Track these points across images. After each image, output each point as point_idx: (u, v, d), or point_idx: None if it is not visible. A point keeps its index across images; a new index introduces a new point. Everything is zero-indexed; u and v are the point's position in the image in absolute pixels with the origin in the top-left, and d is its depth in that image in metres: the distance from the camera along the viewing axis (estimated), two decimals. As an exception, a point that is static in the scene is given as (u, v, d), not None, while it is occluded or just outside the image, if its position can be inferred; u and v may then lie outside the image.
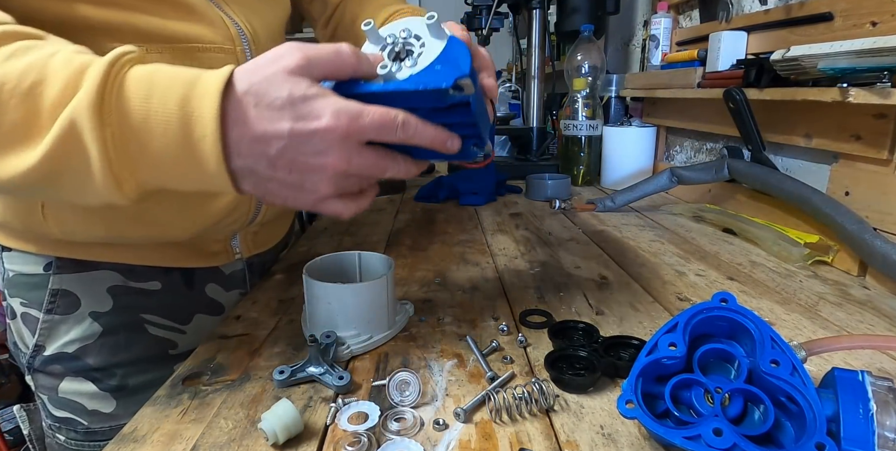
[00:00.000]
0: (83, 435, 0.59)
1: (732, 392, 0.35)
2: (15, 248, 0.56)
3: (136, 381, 0.59)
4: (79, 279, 0.56)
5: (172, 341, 0.61)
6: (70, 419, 0.58)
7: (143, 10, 0.48)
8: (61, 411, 0.58)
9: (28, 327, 0.57)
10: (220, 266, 0.65)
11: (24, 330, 0.57)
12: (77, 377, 0.57)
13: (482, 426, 0.39)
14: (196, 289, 0.63)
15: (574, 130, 1.31)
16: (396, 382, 0.42)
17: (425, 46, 0.37)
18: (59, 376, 0.57)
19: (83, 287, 0.56)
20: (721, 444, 0.31)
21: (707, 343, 0.37)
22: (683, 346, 0.36)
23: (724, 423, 0.31)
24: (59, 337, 0.56)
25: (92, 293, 0.56)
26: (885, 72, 0.59)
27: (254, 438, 0.37)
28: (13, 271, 0.57)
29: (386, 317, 0.52)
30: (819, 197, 0.71)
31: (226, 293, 0.66)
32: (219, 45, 0.53)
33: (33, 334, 0.56)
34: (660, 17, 1.19)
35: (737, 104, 0.83)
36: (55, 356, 0.57)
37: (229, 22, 0.54)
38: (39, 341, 0.56)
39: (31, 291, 0.56)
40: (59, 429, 0.59)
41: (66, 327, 0.56)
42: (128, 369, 0.58)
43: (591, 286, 0.65)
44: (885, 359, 0.48)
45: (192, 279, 0.62)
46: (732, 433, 0.31)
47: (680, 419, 0.35)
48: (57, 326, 0.56)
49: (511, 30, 2.61)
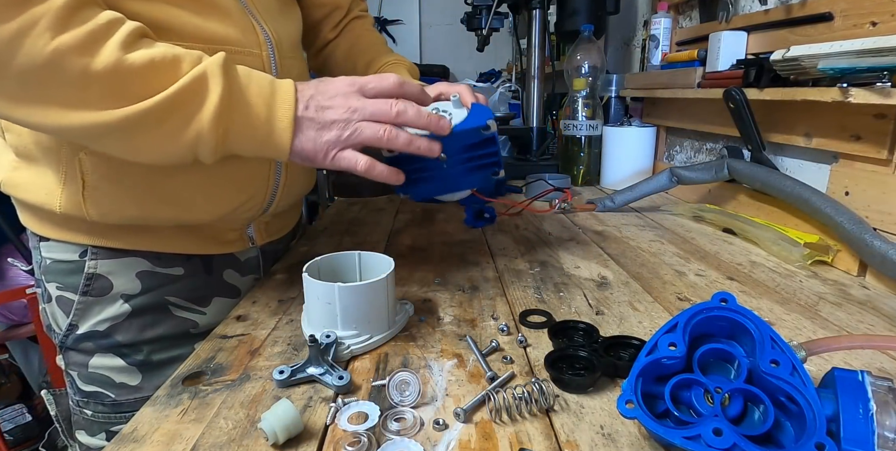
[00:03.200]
0: (110, 407, 0.64)
1: (732, 392, 0.35)
2: (53, 238, 0.61)
3: (160, 357, 0.64)
4: (111, 265, 0.61)
5: (194, 321, 0.66)
6: (98, 392, 0.64)
7: (186, 8, 0.53)
8: (90, 385, 0.64)
9: (63, 310, 0.62)
10: (236, 253, 0.70)
11: (59, 312, 0.62)
12: (107, 353, 0.63)
13: (482, 426, 0.39)
14: (215, 274, 0.68)
15: (574, 130, 1.31)
16: (396, 382, 0.42)
17: (454, 113, 0.55)
18: (90, 352, 0.63)
19: (115, 272, 0.61)
20: (721, 444, 0.31)
21: (707, 343, 0.37)
22: (683, 346, 0.36)
23: (723, 423, 0.31)
24: (91, 317, 0.61)
25: (123, 277, 0.61)
26: (885, 72, 0.59)
27: (254, 438, 0.37)
28: (50, 258, 0.62)
29: (386, 317, 0.52)
30: (819, 197, 0.71)
31: (241, 278, 0.71)
32: (248, 49, 0.58)
33: (67, 315, 0.62)
34: (660, 17, 1.19)
35: (737, 104, 0.83)
36: (87, 334, 0.62)
37: (259, 29, 0.60)
38: (73, 321, 0.62)
39: (68, 276, 0.61)
40: (86, 404, 0.65)
41: (98, 308, 0.61)
42: (153, 346, 0.64)
43: (591, 286, 0.65)
44: (885, 359, 0.48)
45: (212, 265, 0.67)
46: (732, 432, 0.31)
47: (680, 419, 0.35)
48: (91, 307, 0.61)
49: (511, 30, 2.61)
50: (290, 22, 0.69)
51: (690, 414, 0.36)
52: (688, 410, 0.36)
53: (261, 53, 0.60)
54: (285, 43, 0.64)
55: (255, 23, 0.60)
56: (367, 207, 1.14)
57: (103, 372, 0.63)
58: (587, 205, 1.04)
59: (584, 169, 1.33)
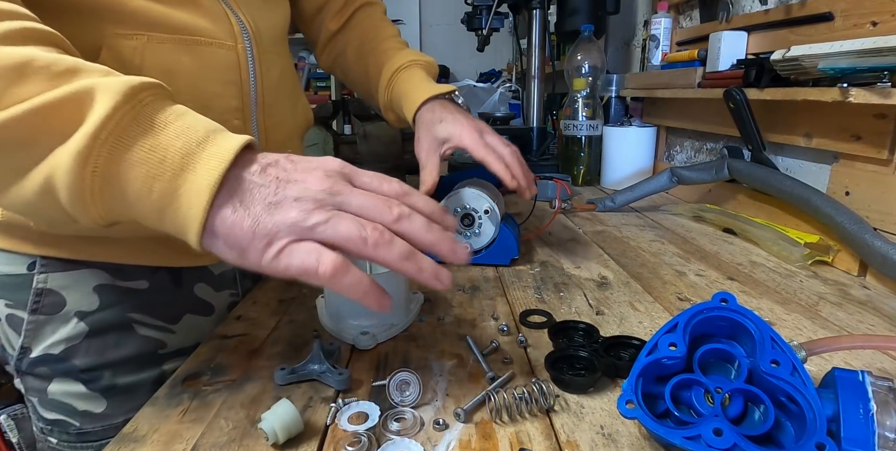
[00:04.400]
0: (75, 437, 0.57)
1: (732, 392, 0.35)
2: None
3: (125, 381, 0.58)
4: (64, 278, 0.54)
5: (162, 340, 0.60)
6: (61, 420, 0.57)
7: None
8: (52, 413, 0.57)
9: (14, 329, 0.55)
10: (210, 266, 0.64)
11: (11, 332, 0.56)
12: (65, 379, 0.56)
13: (482, 426, 0.39)
14: (184, 288, 0.62)
15: (574, 130, 1.31)
16: (396, 382, 0.42)
17: (483, 224, 0.53)
18: (46, 378, 0.56)
19: (69, 286, 0.55)
20: (721, 444, 0.31)
21: (707, 343, 0.37)
22: (684, 346, 0.36)
23: (724, 423, 0.31)
24: (44, 338, 0.55)
25: (78, 292, 0.55)
26: (885, 72, 0.59)
27: (254, 438, 0.37)
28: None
29: (405, 305, 0.53)
30: (819, 197, 0.71)
31: (216, 294, 0.65)
32: (221, 40, 0.53)
33: (19, 335, 0.55)
34: (660, 17, 1.19)
35: (737, 104, 0.83)
36: (41, 358, 0.55)
37: (233, 19, 0.54)
38: (25, 342, 0.55)
39: (16, 291, 0.54)
40: (50, 432, 0.58)
41: (51, 328, 0.55)
42: (117, 369, 0.57)
43: (591, 286, 0.65)
44: (885, 359, 0.48)
45: (181, 279, 0.61)
46: (732, 432, 0.31)
47: (680, 419, 0.35)
48: (42, 327, 0.55)
49: (511, 30, 2.61)
50: (273, 12, 0.63)
51: (691, 414, 0.36)
52: (688, 410, 0.36)
53: (235, 46, 0.54)
54: (266, 35, 0.58)
55: (227, 11, 0.54)
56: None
57: (64, 399, 0.56)
58: (587, 205, 1.04)
59: (584, 169, 1.33)
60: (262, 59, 0.57)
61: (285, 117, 0.65)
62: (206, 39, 0.52)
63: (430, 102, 0.67)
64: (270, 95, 0.60)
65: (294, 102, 0.68)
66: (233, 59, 0.54)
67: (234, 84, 0.56)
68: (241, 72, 0.56)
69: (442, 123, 0.65)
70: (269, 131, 0.61)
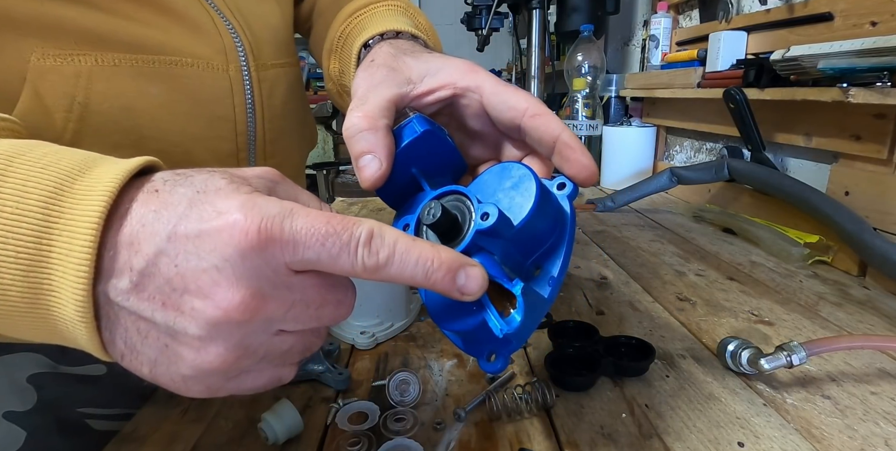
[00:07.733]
0: None
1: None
2: None
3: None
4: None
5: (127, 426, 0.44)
6: None
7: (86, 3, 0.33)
8: None
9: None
10: None
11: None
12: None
13: (482, 426, 0.39)
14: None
15: (574, 129, 1.31)
16: (396, 382, 0.42)
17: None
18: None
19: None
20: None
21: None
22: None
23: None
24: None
25: (6, 387, 0.41)
26: (885, 72, 0.59)
27: (254, 438, 0.37)
28: None
29: (404, 305, 0.54)
30: (819, 197, 0.71)
31: None
32: (206, 60, 0.39)
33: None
34: (660, 17, 1.20)
35: (737, 104, 0.83)
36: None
37: (223, 27, 0.40)
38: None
39: None
40: None
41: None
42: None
43: (591, 286, 0.65)
44: (885, 359, 0.48)
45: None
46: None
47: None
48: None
49: (511, 30, 2.61)
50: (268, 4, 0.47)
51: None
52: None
53: (227, 67, 0.40)
54: (266, 43, 0.44)
55: (214, 15, 0.40)
56: (366, 207, 1.14)
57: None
58: (587, 205, 1.04)
59: (584, 169, 1.33)
60: (263, 78, 0.43)
61: (291, 153, 0.52)
62: (184, 59, 0.38)
63: (391, 39, 0.39)
64: (274, 128, 0.46)
65: (302, 127, 0.53)
66: (223, 86, 0.40)
67: (226, 120, 0.42)
68: (234, 102, 0.42)
69: (413, 55, 0.34)
70: None
